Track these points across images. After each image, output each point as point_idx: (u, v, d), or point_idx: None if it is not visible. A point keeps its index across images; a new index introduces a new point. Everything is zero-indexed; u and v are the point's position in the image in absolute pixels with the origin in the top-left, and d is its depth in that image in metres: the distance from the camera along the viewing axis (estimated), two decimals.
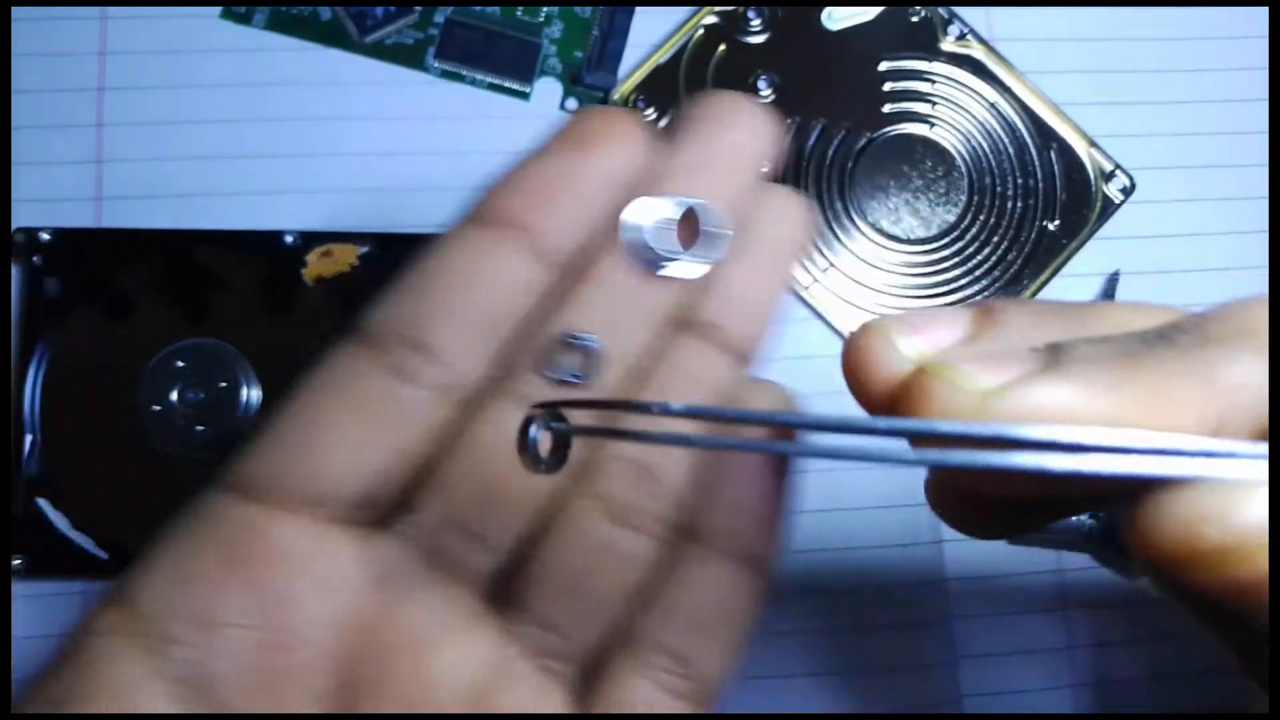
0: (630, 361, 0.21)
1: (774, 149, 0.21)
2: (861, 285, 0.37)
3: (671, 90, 0.37)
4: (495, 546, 0.20)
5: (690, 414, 0.19)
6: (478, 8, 0.38)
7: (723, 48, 0.38)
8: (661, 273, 0.20)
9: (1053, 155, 0.38)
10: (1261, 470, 0.13)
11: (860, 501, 0.36)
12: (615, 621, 0.20)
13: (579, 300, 0.21)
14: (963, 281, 0.37)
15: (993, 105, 0.38)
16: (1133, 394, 0.14)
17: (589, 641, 0.20)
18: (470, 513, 0.20)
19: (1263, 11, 0.40)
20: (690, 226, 0.20)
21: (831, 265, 0.37)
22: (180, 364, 0.34)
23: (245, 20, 0.38)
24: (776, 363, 0.37)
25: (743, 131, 0.21)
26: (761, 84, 0.37)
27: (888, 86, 0.38)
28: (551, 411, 0.18)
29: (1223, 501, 0.13)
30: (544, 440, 0.18)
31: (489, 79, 0.38)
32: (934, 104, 0.38)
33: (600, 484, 0.20)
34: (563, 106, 0.38)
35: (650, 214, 0.20)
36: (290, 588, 0.19)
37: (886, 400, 0.16)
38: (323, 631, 0.19)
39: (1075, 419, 0.14)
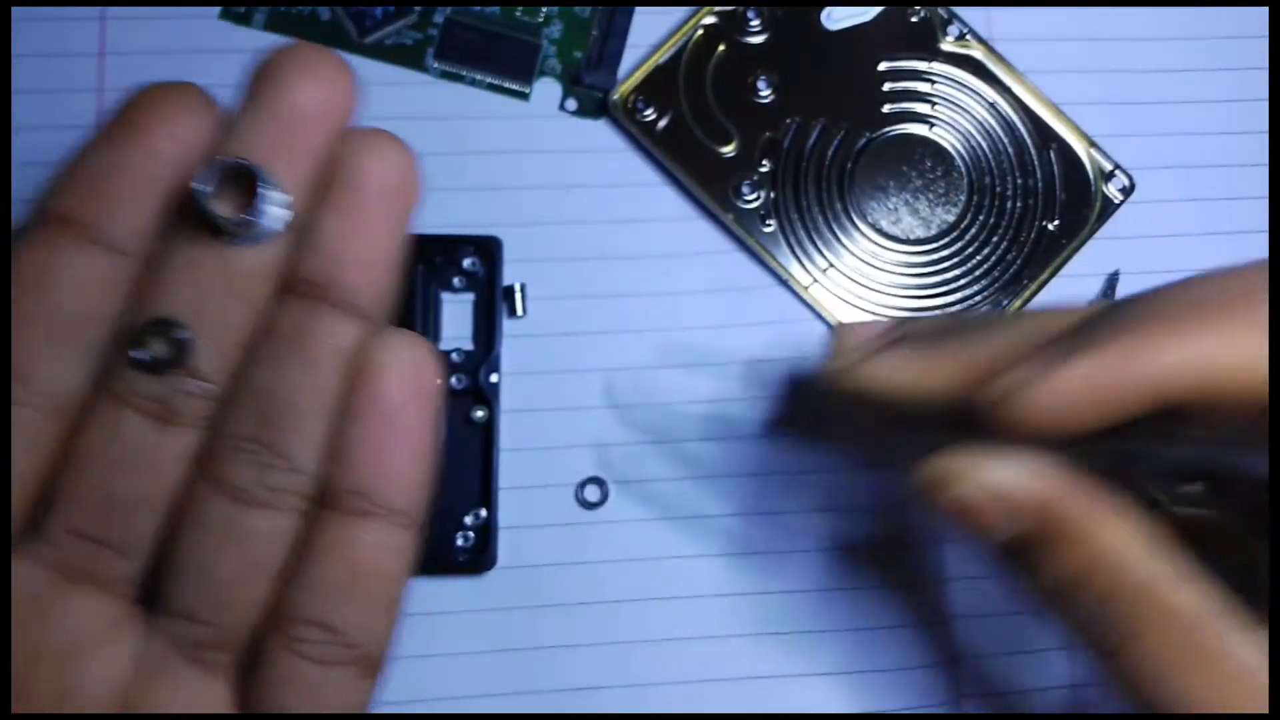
0: (235, 337, 0.20)
1: (353, 98, 0.21)
2: (861, 285, 0.37)
3: (671, 90, 0.37)
4: (129, 551, 0.20)
5: None
6: (477, 8, 0.38)
7: (722, 48, 0.38)
8: (236, 241, 0.20)
9: (1052, 155, 0.38)
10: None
11: (860, 501, 0.36)
12: (258, 601, 0.20)
13: (163, 285, 0.20)
14: (962, 281, 0.37)
15: (992, 105, 0.38)
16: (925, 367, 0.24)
17: (238, 627, 0.20)
18: (96, 521, 0.20)
19: (1263, 11, 0.40)
20: (255, 188, 0.20)
21: (831, 265, 0.37)
22: None
23: (245, 21, 0.38)
24: (776, 363, 0.37)
25: (312, 84, 0.20)
26: (761, 84, 0.37)
27: (887, 86, 0.38)
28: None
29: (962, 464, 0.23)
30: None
31: (488, 79, 0.38)
32: (933, 104, 0.38)
33: (219, 467, 0.20)
34: (562, 107, 0.38)
35: (215, 181, 0.20)
36: None
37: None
38: None
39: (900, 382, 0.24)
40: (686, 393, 0.36)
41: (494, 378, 0.35)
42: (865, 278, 0.37)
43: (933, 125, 0.38)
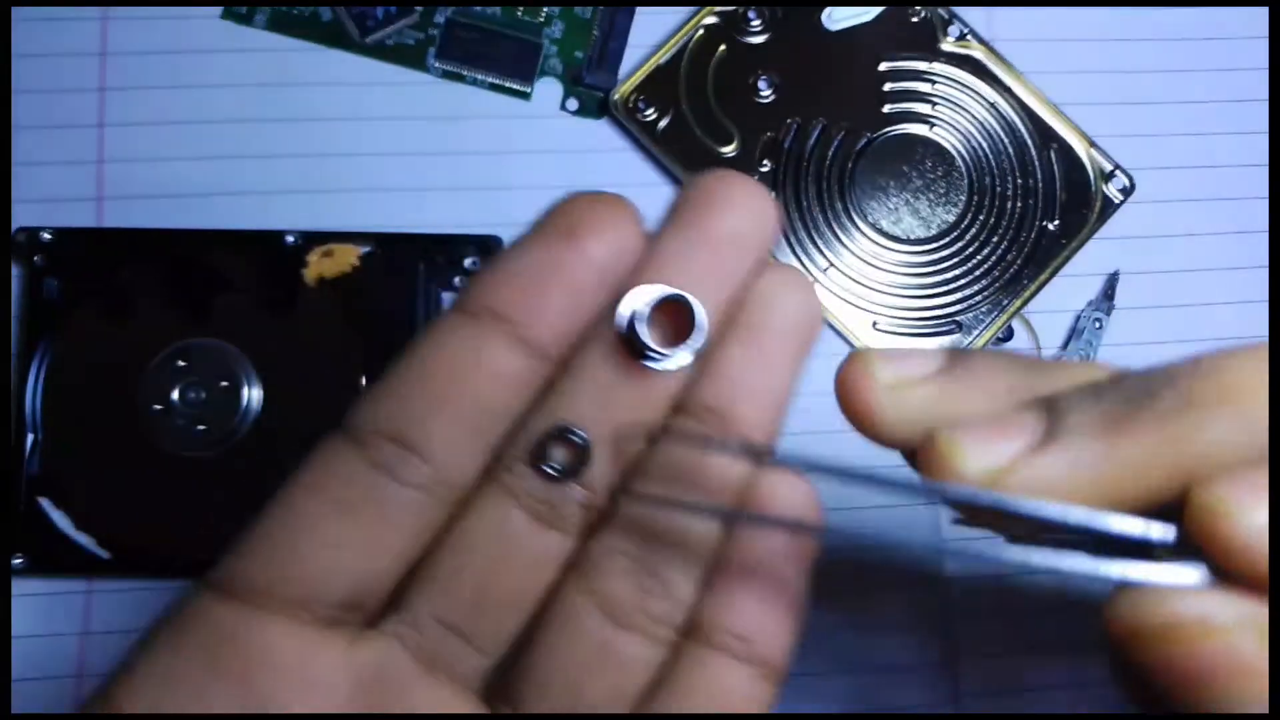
0: (629, 454, 0.20)
1: (775, 230, 0.21)
2: (861, 285, 0.37)
3: (672, 90, 0.37)
4: (488, 648, 0.20)
5: (717, 511, 0.19)
6: (478, 8, 0.38)
7: (723, 48, 0.38)
8: (650, 364, 0.20)
9: (1052, 155, 0.38)
10: (1192, 575, 0.16)
11: (860, 501, 0.36)
12: None
13: (569, 392, 0.20)
14: (962, 281, 0.37)
15: (993, 105, 0.38)
16: (1118, 467, 0.17)
17: None
18: (462, 612, 0.20)
19: (1263, 11, 0.40)
20: (680, 316, 0.20)
21: (831, 265, 0.37)
22: (181, 363, 0.34)
23: (246, 21, 0.38)
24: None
25: (740, 214, 0.20)
26: (761, 84, 0.37)
27: (888, 87, 0.38)
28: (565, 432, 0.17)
29: (1160, 600, 0.16)
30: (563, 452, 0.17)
31: (490, 79, 0.38)
32: (934, 104, 0.38)
33: (597, 579, 0.20)
34: (563, 106, 0.38)
35: (639, 303, 0.20)
36: (274, 693, 0.19)
37: (863, 416, 0.19)
38: None
39: (1068, 494, 0.17)
40: None
41: None
42: (866, 277, 0.37)
43: (933, 125, 0.38)
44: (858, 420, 0.19)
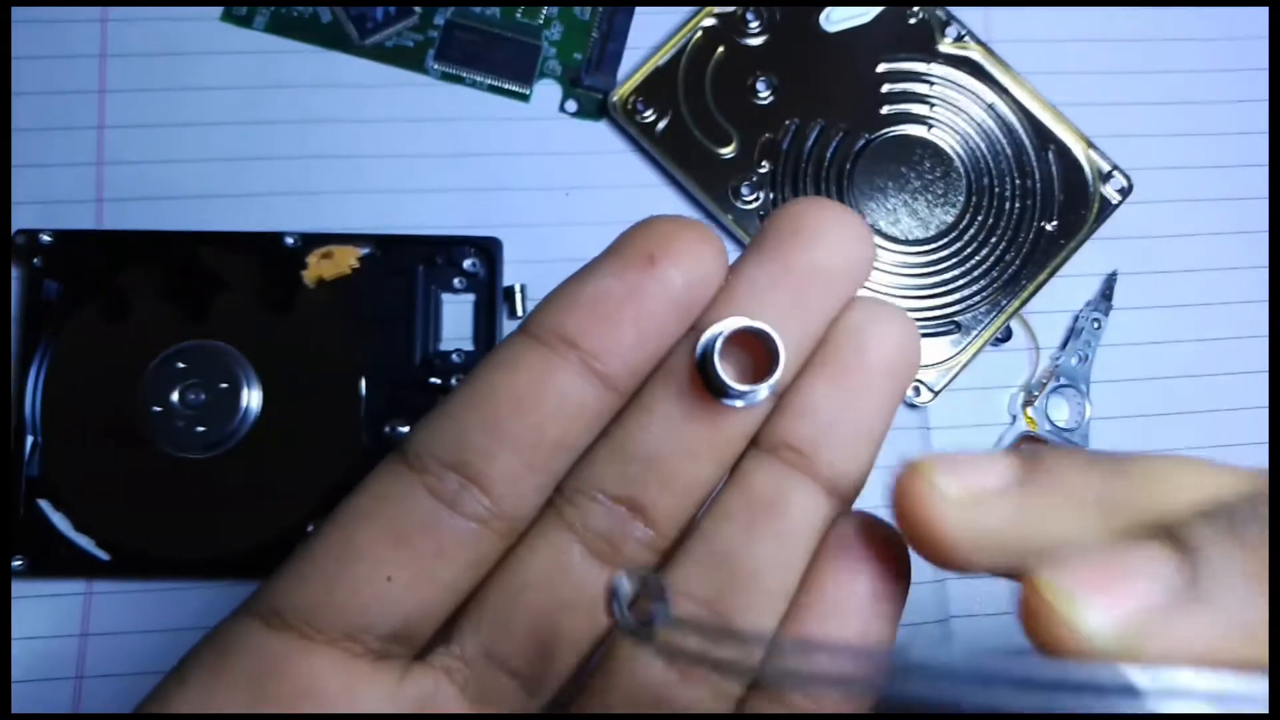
0: (697, 495, 0.19)
1: (869, 262, 0.19)
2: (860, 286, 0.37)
3: (670, 92, 0.37)
4: (536, 691, 0.19)
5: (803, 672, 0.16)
6: (477, 10, 0.38)
7: (721, 49, 0.38)
8: (729, 401, 0.19)
9: (1050, 156, 0.38)
10: None
11: (859, 501, 0.36)
12: None
13: (637, 427, 0.19)
14: (961, 282, 0.37)
15: (990, 106, 0.38)
16: (1262, 631, 0.14)
17: None
18: (514, 649, 0.19)
19: (1262, 12, 0.41)
20: (759, 351, 0.18)
21: None
22: (181, 365, 0.34)
23: (246, 23, 0.38)
24: None
25: (831, 245, 0.19)
26: (760, 85, 0.37)
27: (886, 88, 0.38)
28: (649, 580, 0.16)
29: None
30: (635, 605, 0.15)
31: (489, 81, 0.38)
32: (932, 105, 0.38)
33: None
34: (562, 108, 0.38)
35: (716, 336, 0.18)
36: None
37: (929, 540, 0.16)
38: None
39: (1212, 658, 0.13)
40: None
41: None
42: None
43: (931, 126, 0.38)
44: (922, 543, 0.16)
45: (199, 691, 0.18)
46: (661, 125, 0.37)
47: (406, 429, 0.34)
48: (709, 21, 0.38)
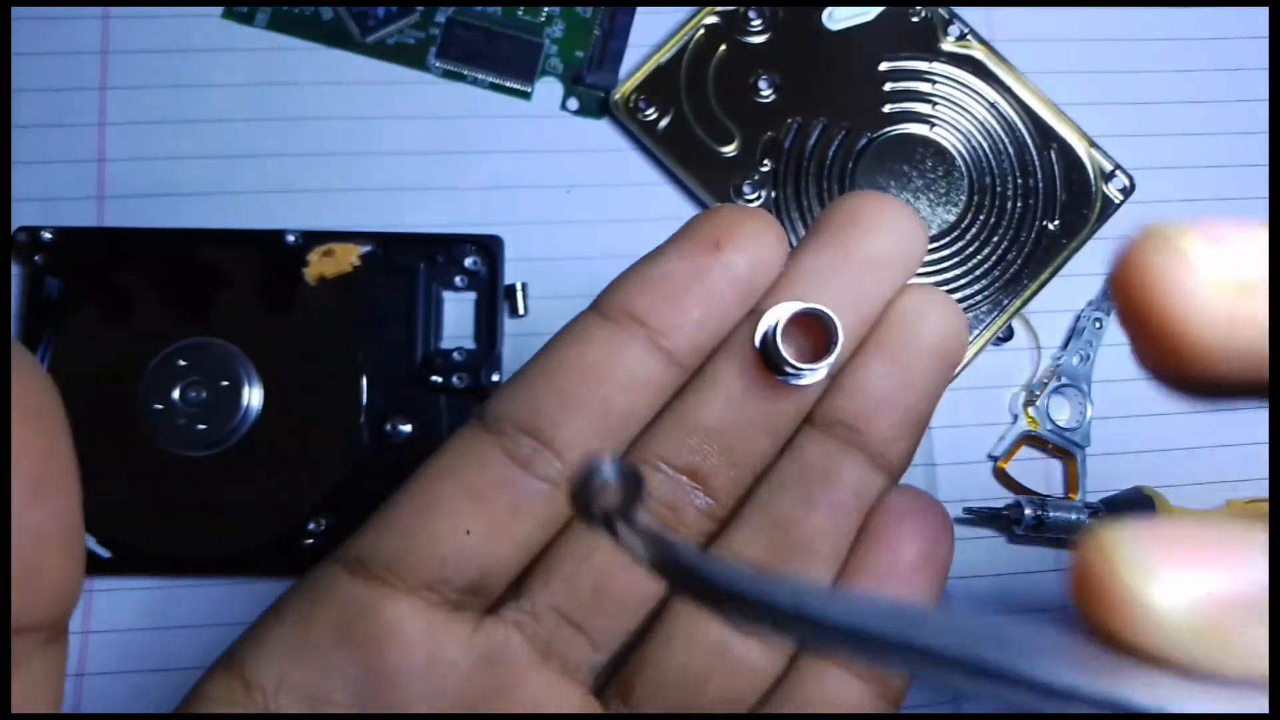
0: (754, 466, 0.20)
1: (921, 252, 0.21)
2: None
3: (672, 90, 0.37)
4: (602, 645, 0.20)
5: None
6: (479, 8, 0.38)
7: (723, 48, 0.38)
8: (788, 379, 0.20)
9: (1053, 155, 0.38)
10: None
11: None
12: None
13: (699, 401, 0.20)
14: (963, 281, 0.37)
15: (993, 105, 0.38)
16: None
17: None
18: (580, 605, 0.20)
19: (1263, 11, 0.41)
20: (817, 332, 0.20)
21: None
22: (182, 363, 0.34)
23: (247, 20, 0.38)
24: None
25: (885, 236, 0.20)
26: (762, 84, 0.37)
27: (888, 86, 0.38)
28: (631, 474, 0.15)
29: None
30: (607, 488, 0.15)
31: (490, 79, 0.38)
32: (934, 104, 0.38)
33: None
34: (564, 106, 0.38)
35: (778, 318, 0.20)
36: (399, 668, 0.19)
37: (1169, 333, 0.12)
38: (426, 711, 0.19)
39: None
40: None
41: (495, 377, 0.35)
42: None
43: (933, 125, 0.38)
44: (1155, 336, 0.12)
45: (293, 629, 0.20)
46: (663, 123, 0.37)
47: (408, 427, 0.34)
48: (711, 19, 0.38)
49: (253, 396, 0.34)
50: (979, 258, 0.37)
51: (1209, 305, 0.11)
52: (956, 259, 0.37)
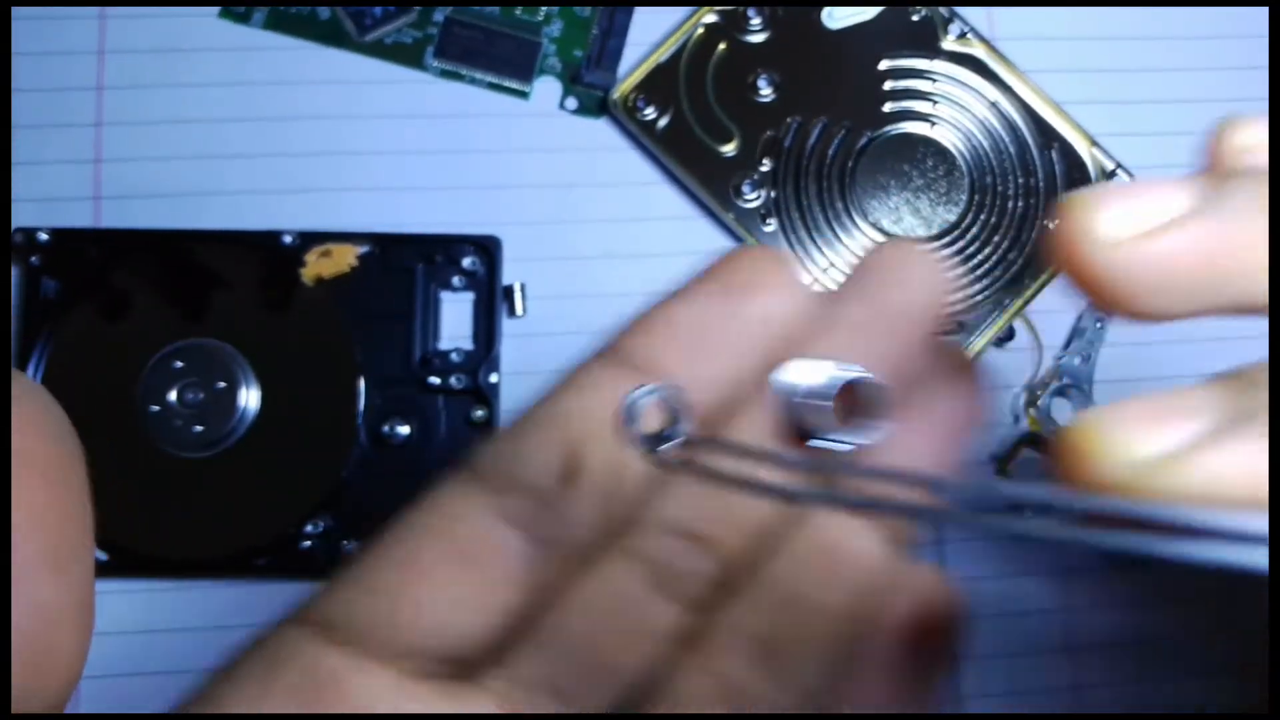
0: (750, 528, 0.19)
1: (944, 305, 0.20)
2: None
3: (671, 89, 0.37)
4: (586, 712, 0.19)
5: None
6: (477, 7, 0.38)
7: (723, 46, 0.38)
8: (812, 444, 0.18)
9: (1054, 154, 0.38)
10: None
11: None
12: None
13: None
14: (964, 281, 0.37)
15: (994, 104, 0.38)
16: None
17: None
18: (564, 674, 0.18)
19: (1263, 11, 0.40)
20: (850, 398, 0.18)
21: (832, 264, 0.37)
22: (179, 364, 0.34)
23: (244, 19, 0.37)
24: None
25: (913, 287, 0.19)
26: (762, 83, 0.37)
27: (888, 85, 0.38)
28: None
29: None
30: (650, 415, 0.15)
31: (488, 78, 0.38)
32: (935, 103, 0.38)
33: (718, 659, 0.18)
34: (562, 105, 0.38)
35: (804, 377, 0.18)
36: None
37: (1097, 290, 0.14)
38: None
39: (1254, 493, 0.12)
40: None
41: (494, 377, 0.35)
42: None
43: (934, 124, 0.38)
44: (1094, 295, 0.15)
45: (244, 699, 0.18)
46: (662, 123, 0.37)
47: (406, 428, 0.34)
48: (710, 18, 0.38)
49: (250, 398, 0.34)
50: (980, 257, 0.37)
51: (1119, 254, 0.14)
52: (958, 258, 0.37)
